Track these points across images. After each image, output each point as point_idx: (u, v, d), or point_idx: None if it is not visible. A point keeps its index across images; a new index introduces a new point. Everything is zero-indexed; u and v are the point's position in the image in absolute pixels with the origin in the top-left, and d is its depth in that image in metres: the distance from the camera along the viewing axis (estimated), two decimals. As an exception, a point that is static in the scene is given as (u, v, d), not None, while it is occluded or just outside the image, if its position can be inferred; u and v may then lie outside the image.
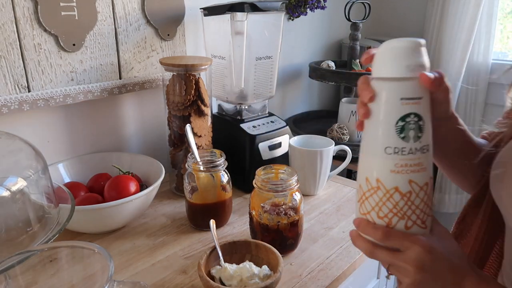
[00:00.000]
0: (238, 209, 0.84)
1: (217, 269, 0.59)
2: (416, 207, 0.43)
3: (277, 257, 0.60)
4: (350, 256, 0.69)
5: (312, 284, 0.62)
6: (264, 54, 0.91)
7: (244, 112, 0.93)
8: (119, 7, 0.84)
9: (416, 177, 0.43)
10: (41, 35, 0.74)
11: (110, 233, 0.74)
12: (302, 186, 0.88)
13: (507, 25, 1.54)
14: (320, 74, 1.25)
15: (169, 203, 0.86)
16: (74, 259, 0.48)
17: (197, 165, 0.73)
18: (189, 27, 0.98)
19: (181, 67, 0.79)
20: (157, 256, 0.68)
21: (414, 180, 0.43)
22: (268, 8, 0.86)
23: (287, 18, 1.28)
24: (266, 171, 0.71)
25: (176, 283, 0.62)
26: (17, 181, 0.53)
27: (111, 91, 0.85)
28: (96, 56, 0.82)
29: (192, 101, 0.81)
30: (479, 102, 1.52)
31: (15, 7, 0.70)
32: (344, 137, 1.19)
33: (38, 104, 0.75)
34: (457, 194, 1.65)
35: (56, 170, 0.80)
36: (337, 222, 0.79)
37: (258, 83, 0.92)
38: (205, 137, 0.85)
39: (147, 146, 0.99)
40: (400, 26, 1.66)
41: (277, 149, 0.91)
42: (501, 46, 1.56)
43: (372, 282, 0.87)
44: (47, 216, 0.56)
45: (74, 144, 0.86)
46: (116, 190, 0.73)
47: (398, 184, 0.43)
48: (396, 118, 0.42)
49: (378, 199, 0.44)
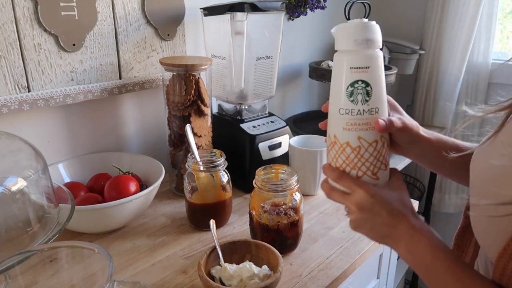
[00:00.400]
0: (238, 209, 0.84)
1: (217, 269, 0.59)
2: (366, 160, 0.52)
3: (277, 257, 0.60)
4: (350, 256, 0.69)
5: (312, 284, 0.62)
6: (264, 54, 0.91)
7: (244, 112, 0.93)
8: (119, 7, 0.84)
9: (364, 134, 0.51)
10: (41, 35, 0.74)
11: (110, 233, 0.74)
12: (302, 186, 0.88)
13: (507, 25, 1.54)
14: (320, 74, 1.25)
15: (169, 203, 0.86)
16: (74, 259, 0.48)
17: (197, 165, 0.73)
18: (189, 27, 0.98)
19: (181, 67, 0.79)
20: (157, 256, 0.68)
21: (363, 137, 0.51)
22: (268, 8, 0.86)
23: (287, 18, 1.28)
24: (266, 171, 0.71)
25: (176, 283, 0.62)
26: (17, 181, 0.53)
27: (111, 91, 0.85)
28: (96, 56, 0.82)
29: (192, 101, 0.81)
30: (479, 102, 1.52)
31: (15, 7, 0.70)
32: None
33: (38, 104, 0.75)
34: (457, 194, 1.65)
35: (56, 170, 0.80)
36: (337, 222, 0.79)
37: (258, 83, 0.92)
38: (205, 137, 0.85)
39: (147, 146, 0.99)
40: (400, 26, 1.66)
41: (277, 149, 0.91)
42: (501, 46, 1.56)
43: (372, 282, 0.87)
44: (47, 216, 0.56)
45: (74, 144, 0.86)
46: (116, 190, 0.73)
47: (349, 139, 0.52)
48: (347, 84, 0.51)
49: (335, 152, 0.53)
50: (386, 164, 0.54)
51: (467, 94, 1.52)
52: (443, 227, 1.78)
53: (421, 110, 1.60)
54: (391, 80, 1.22)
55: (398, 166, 1.19)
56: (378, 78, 0.51)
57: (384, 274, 0.90)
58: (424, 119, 1.60)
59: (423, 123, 1.60)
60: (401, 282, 1.67)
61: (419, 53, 1.49)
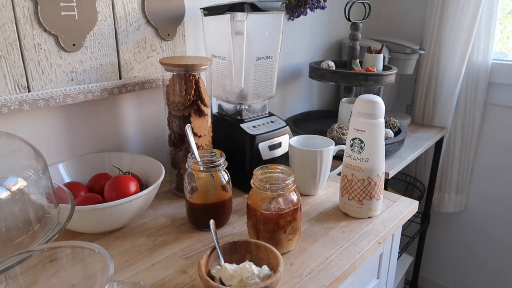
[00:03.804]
0: (238, 209, 0.84)
1: (217, 269, 0.59)
2: (354, 190, 0.78)
3: (277, 257, 0.60)
4: (350, 256, 0.69)
5: (312, 284, 0.62)
6: (264, 54, 0.91)
7: (244, 112, 0.93)
8: (119, 7, 0.84)
9: (356, 173, 0.78)
10: (41, 35, 0.74)
11: (110, 233, 0.74)
12: (302, 186, 0.89)
13: (507, 25, 1.54)
14: (320, 74, 1.25)
15: (169, 203, 0.86)
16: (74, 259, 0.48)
17: (197, 165, 0.73)
18: (189, 27, 0.98)
19: (181, 67, 0.79)
20: (157, 256, 0.68)
21: (355, 174, 0.78)
22: (268, 8, 0.86)
23: (287, 18, 1.28)
24: (263, 171, 0.71)
25: (176, 283, 0.62)
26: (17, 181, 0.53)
27: (111, 91, 0.85)
28: (96, 56, 0.82)
29: (192, 101, 0.81)
30: (479, 102, 1.52)
31: (15, 7, 0.70)
32: (344, 137, 1.19)
33: (38, 104, 0.75)
34: (457, 194, 1.66)
35: (56, 170, 0.80)
36: (337, 222, 0.79)
37: (258, 83, 0.92)
38: (205, 137, 0.85)
39: (147, 146, 0.99)
40: (400, 26, 1.66)
41: (277, 149, 0.91)
42: (501, 46, 1.56)
43: (372, 282, 0.87)
44: (47, 216, 0.56)
45: (74, 144, 0.86)
46: (116, 190, 0.73)
47: (346, 174, 0.80)
48: (350, 138, 0.78)
49: (342, 178, 0.81)
50: (372, 196, 0.78)
51: (467, 94, 1.52)
52: (443, 227, 1.78)
53: (421, 110, 1.60)
54: (391, 80, 1.22)
55: (398, 166, 1.19)
56: (372, 138, 0.75)
57: (384, 274, 0.90)
58: (424, 119, 1.60)
59: (423, 123, 1.60)
60: (401, 282, 1.67)
61: (419, 53, 1.49)
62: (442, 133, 1.52)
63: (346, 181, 0.79)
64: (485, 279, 1.74)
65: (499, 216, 1.63)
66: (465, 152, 1.59)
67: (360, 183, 0.77)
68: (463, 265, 1.78)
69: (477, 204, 1.67)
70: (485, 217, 1.67)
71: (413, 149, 1.32)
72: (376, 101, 0.74)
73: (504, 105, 1.51)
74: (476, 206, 1.68)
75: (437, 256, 1.85)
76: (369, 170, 0.77)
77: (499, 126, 1.55)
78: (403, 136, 1.26)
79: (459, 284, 1.82)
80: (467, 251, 1.75)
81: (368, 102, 0.74)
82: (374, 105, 0.74)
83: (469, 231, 1.72)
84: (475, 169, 1.64)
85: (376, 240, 0.73)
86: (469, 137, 1.57)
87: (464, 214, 1.71)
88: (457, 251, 1.78)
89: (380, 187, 0.79)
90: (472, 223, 1.71)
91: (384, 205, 0.84)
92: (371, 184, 0.77)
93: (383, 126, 0.76)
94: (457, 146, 1.59)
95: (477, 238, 1.71)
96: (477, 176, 1.64)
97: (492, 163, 1.60)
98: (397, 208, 0.84)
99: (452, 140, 1.59)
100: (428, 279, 1.90)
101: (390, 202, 0.86)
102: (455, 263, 1.80)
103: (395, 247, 0.90)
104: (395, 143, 1.21)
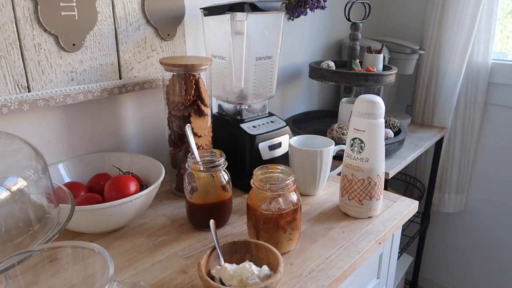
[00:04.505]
0: (238, 209, 0.84)
1: (217, 269, 0.59)
2: (354, 190, 0.79)
3: (277, 257, 0.60)
4: (350, 256, 0.69)
5: (312, 284, 0.62)
6: (264, 54, 0.91)
7: (244, 112, 0.93)
8: (119, 7, 0.84)
9: (356, 173, 0.78)
10: (41, 35, 0.74)
11: (110, 233, 0.74)
12: (302, 186, 0.89)
13: (507, 25, 1.54)
14: (320, 74, 1.25)
15: (169, 203, 0.86)
16: (74, 259, 0.48)
17: (197, 165, 0.73)
18: (189, 27, 0.98)
19: (181, 67, 0.79)
20: (157, 256, 0.68)
21: (355, 174, 0.78)
22: (268, 8, 0.86)
23: (287, 18, 1.28)
24: (263, 171, 0.71)
25: (176, 283, 0.62)
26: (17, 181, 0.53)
27: (111, 91, 0.85)
28: (96, 56, 0.82)
29: (192, 101, 0.81)
30: (479, 102, 1.52)
31: (15, 7, 0.70)
32: (344, 137, 1.19)
33: (38, 104, 0.75)
34: (457, 194, 1.66)
35: (56, 170, 0.80)
36: (337, 222, 0.79)
37: (258, 83, 0.92)
38: (205, 137, 0.85)
39: (147, 146, 0.99)
40: (400, 26, 1.66)
41: (277, 149, 0.91)
42: (501, 46, 1.56)
43: (372, 282, 0.87)
44: (47, 216, 0.56)
45: (74, 144, 0.86)
46: (116, 190, 0.73)
47: (346, 174, 0.80)
48: (350, 138, 0.78)
49: (342, 178, 0.82)
50: (372, 196, 0.78)
51: (467, 94, 1.52)
52: (443, 227, 1.78)
53: (421, 110, 1.60)
54: (391, 80, 1.22)
55: (398, 166, 1.19)
56: (372, 138, 0.76)
57: (384, 274, 0.90)
58: (424, 119, 1.60)
59: (423, 123, 1.60)
60: (401, 282, 1.67)
61: (419, 53, 1.49)
62: (442, 133, 1.52)
63: (346, 181, 0.79)
64: (485, 279, 1.74)
65: (499, 216, 1.63)
66: (465, 152, 1.59)
67: (360, 183, 0.77)
68: (463, 265, 1.78)
69: (477, 204, 1.67)
70: (485, 217, 1.67)
71: (413, 149, 1.32)
72: (376, 101, 0.75)
73: (504, 105, 1.51)
74: (476, 206, 1.68)
75: (437, 256, 1.85)
76: (369, 170, 0.77)
77: (499, 126, 1.55)
78: (403, 136, 1.26)
79: (459, 284, 1.82)
80: (467, 251, 1.75)
81: (368, 102, 0.75)
82: (374, 105, 0.75)
83: (469, 231, 1.72)
84: (475, 169, 1.64)
85: (376, 240, 0.73)
86: (469, 137, 1.57)
87: (464, 214, 1.71)
88: (457, 251, 1.78)
89: (380, 187, 0.79)
90: (472, 223, 1.71)
91: (384, 205, 0.84)
92: (371, 184, 0.77)
93: (383, 126, 0.76)
94: (457, 146, 1.59)
95: (477, 238, 1.71)
96: (477, 176, 1.64)
97: (492, 163, 1.60)
98: (397, 208, 0.84)
99: (452, 140, 1.59)
100: (428, 279, 1.90)
101: (390, 202, 0.86)
102: (455, 263, 1.80)
103: (395, 247, 0.90)
104: (395, 143, 1.22)
